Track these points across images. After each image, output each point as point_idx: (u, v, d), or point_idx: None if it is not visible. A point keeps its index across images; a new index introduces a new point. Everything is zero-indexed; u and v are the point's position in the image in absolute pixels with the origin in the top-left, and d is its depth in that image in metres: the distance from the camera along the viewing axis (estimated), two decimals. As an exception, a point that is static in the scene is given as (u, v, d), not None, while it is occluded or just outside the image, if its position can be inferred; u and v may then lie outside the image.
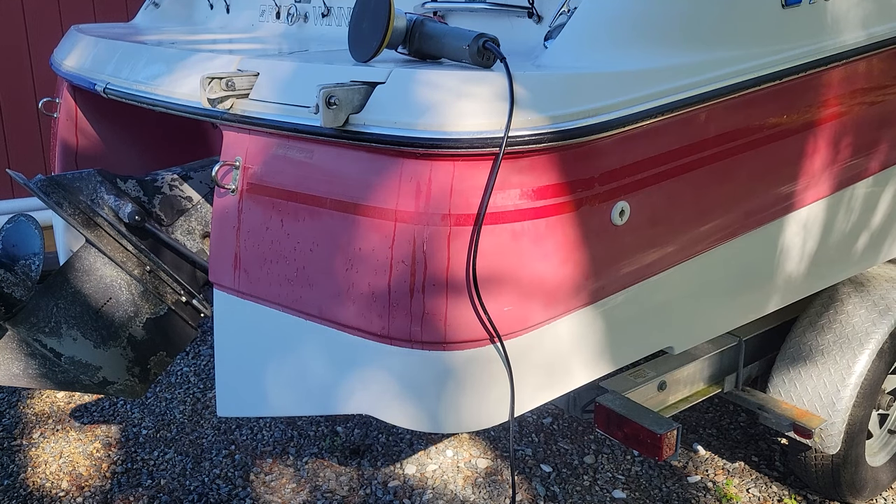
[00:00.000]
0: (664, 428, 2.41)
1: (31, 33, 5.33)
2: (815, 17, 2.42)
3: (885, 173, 2.91)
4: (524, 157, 1.85)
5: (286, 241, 2.03)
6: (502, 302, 1.91)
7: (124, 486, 3.42)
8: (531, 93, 1.83)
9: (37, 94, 5.29)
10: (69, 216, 2.40)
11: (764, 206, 2.48)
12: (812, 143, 2.53)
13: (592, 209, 1.98)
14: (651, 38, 2.06)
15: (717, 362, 2.96)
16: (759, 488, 3.41)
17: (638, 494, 3.37)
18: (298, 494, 3.38)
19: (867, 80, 2.66)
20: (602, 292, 2.10)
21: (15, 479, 3.45)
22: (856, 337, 2.97)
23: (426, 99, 1.80)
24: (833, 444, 2.95)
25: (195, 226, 2.58)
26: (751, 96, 2.26)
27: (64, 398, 4.04)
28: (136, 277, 2.46)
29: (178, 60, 2.38)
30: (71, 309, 2.41)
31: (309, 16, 3.03)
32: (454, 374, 1.96)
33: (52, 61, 3.15)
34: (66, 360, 2.42)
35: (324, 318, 2.01)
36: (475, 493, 3.39)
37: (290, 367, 2.14)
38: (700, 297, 2.45)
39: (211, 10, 3.53)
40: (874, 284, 3.15)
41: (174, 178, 2.60)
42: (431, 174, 1.82)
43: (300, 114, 1.94)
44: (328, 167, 1.95)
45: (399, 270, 1.86)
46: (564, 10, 2.14)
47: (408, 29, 1.99)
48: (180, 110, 2.26)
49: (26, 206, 4.85)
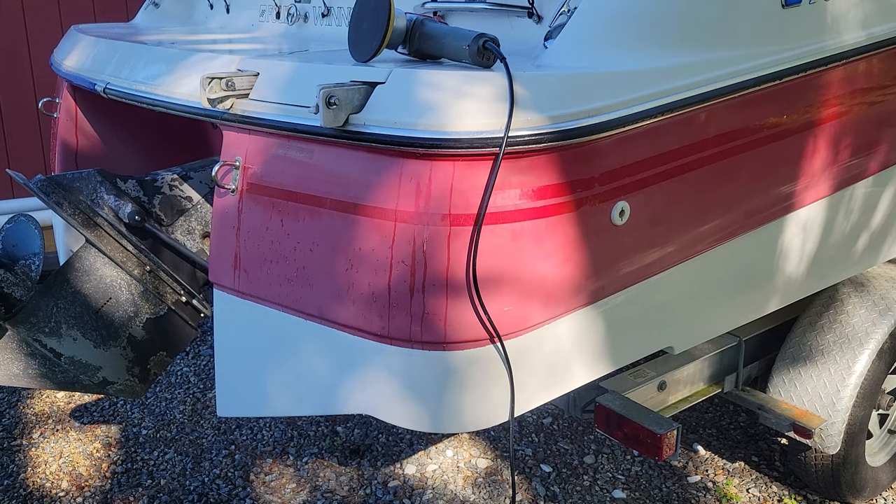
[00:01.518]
0: (664, 428, 2.41)
1: (31, 33, 5.33)
2: (815, 17, 2.42)
3: (885, 173, 2.90)
4: (524, 157, 1.85)
5: (286, 241, 2.03)
6: (502, 302, 1.91)
7: (124, 486, 3.42)
8: (531, 93, 1.83)
9: (37, 94, 5.28)
10: (69, 216, 2.40)
11: (764, 206, 2.48)
12: (812, 144, 2.53)
13: (592, 209, 1.98)
14: (651, 38, 2.06)
15: (717, 362, 2.96)
16: (759, 488, 3.41)
17: (638, 494, 3.37)
18: (298, 494, 3.38)
19: (867, 81, 2.66)
20: (602, 292, 2.10)
21: (15, 479, 3.45)
22: (856, 337, 2.97)
23: (426, 99, 1.80)
24: (833, 444, 2.95)
25: (195, 226, 2.58)
26: (751, 96, 2.25)
27: (64, 398, 4.04)
28: (136, 277, 2.46)
29: (178, 60, 2.38)
30: (71, 309, 2.41)
31: (309, 16, 3.03)
32: (454, 374, 1.96)
33: (52, 61, 3.15)
34: (66, 360, 2.42)
35: (324, 318, 2.01)
36: (475, 493, 3.39)
37: (291, 367, 2.14)
38: (700, 297, 2.45)
39: (211, 10, 3.53)
40: (874, 284, 3.15)
41: (174, 178, 2.60)
42: (431, 174, 1.82)
43: (300, 114, 1.94)
44: (328, 167, 1.95)
45: (399, 270, 1.86)
46: (564, 10, 2.14)
47: (408, 29, 1.99)
48: (180, 110, 2.26)
49: (26, 206, 4.85)
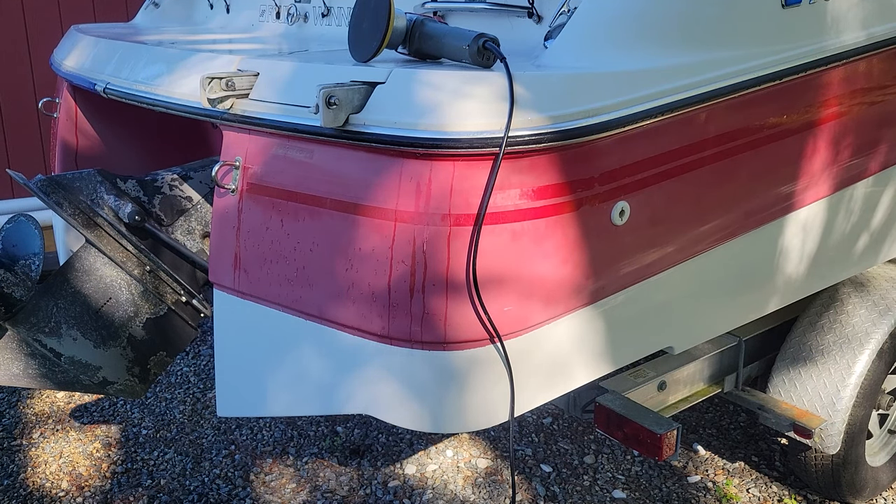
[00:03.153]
0: (664, 428, 2.41)
1: (31, 33, 5.33)
2: (815, 17, 2.42)
3: (885, 173, 2.90)
4: (524, 157, 1.85)
5: (286, 241, 2.03)
6: (502, 302, 1.91)
7: (124, 486, 3.42)
8: (531, 93, 1.83)
9: (37, 94, 5.28)
10: (69, 216, 2.40)
11: (764, 206, 2.48)
12: (812, 144, 2.53)
13: (592, 209, 1.98)
14: (651, 38, 2.06)
15: (717, 362, 2.96)
16: (759, 488, 3.41)
17: (638, 494, 3.37)
18: (298, 494, 3.38)
19: (867, 81, 2.66)
20: (602, 292, 2.10)
21: (15, 479, 3.45)
22: (856, 337, 2.97)
23: (426, 99, 1.80)
24: (833, 444, 2.94)
25: (195, 226, 2.58)
26: (751, 96, 2.25)
27: (64, 398, 4.04)
28: (136, 277, 2.46)
29: (178, 60, 2.37)
30: (71, 309, 2.41)
31: (309, 16, 3.03)
32: (454, 374, 1.96)
33: (52, 61, 3.15)
34: (66, 360, 2.42)
35: (324, 319, 2.01)
36: (475, 493, 3.39)
37: (291, 367, 2.14)
38: (700, 297, 2.45)
39: (211, 10, 3.53)
40: (874, 284, 3.14)
41: (174, 178, 2.60)
42: (431, 174, 1.81)
43: (300, 114, 1.94)
44: (328, 167, 1.95)
45: (399, 270, 1.86)
46: (564, 10, 2.14)
47: (408, 29, 1.99)
48: (180, 110, 2.26)
49: (26, 206, 4.85)
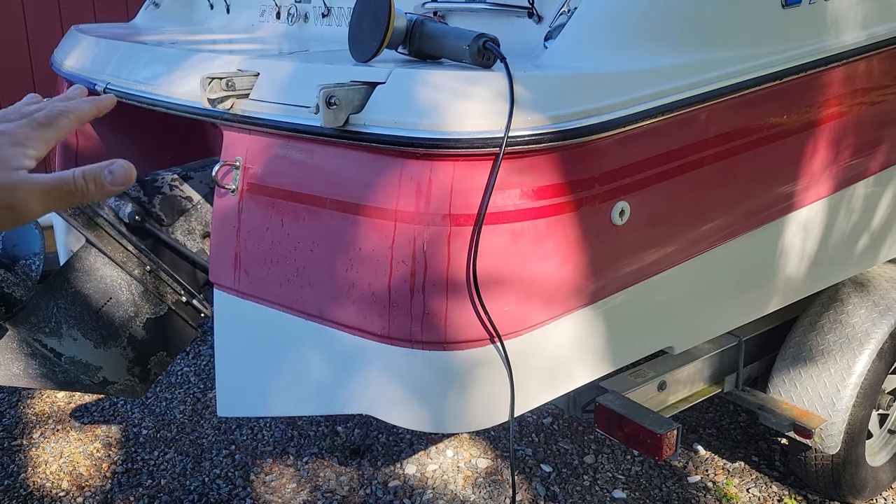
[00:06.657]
0: (664, 428, 2.41)
1: (31, 33, 5.33)
2: (816, 17, 2.42)
3: (886, 173, 2.90)
4: (524, 157, 1.84)
5: (286, 242, 2.03)
6: (502, 302, 1.91)
7: (124, 486, 3.42)
8: (531, 93, 1.83)
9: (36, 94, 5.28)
10: (69, 216, 2.40)
11: (764, 206, 2.48)
12: (812, 144, 2.53)
13: (592, 209, 1.98)
14: (651, 37, 2.06)
15: (717, 362, 2.96)
16: (759, 488, 3.41)
17: (638, 494, 3.37)
18: (298, 494, 3.38)
19: (867, 81, 2.65)
20: (602, 292, 2.10)
21: (15, 479, 3.45)
22: (856, 337, 2.97)
23: (426, 99, 1.80)
24: (833, 444, 2.94)
25: (195, 226, 2.58)
26: (751, 96, 2.25)
27: (64, 398, 4.04)
28: (136, 278, 2.46)
29: (178, 60, 2.37)
30: (71, 309, 2.41)
31: (309, 16, 3.03)
32: (454, 374, 1.96)
33: (52, 61, 3.15)
34: (66, 360, 2.42)
35: (324, 319, 2.01)
36: (475, 493, 3.39)
37: (291, 367, 2.14)
38: (700, 297, 2.45)
39: (211, 10, 3.53)
40: (874, 284, 3.14)
41: (174, 178, 2.59)
42: (432, 174, 1.81)
43: (300, 114, 1.94)
44: (328, 167, 1.95)
45: (399, 271, 1.85)
46: (564, 10, 2.14)
47: (408, 29, 1.98)
48: (180, 110, 2.26)
49: (26, 206, 4.84)
